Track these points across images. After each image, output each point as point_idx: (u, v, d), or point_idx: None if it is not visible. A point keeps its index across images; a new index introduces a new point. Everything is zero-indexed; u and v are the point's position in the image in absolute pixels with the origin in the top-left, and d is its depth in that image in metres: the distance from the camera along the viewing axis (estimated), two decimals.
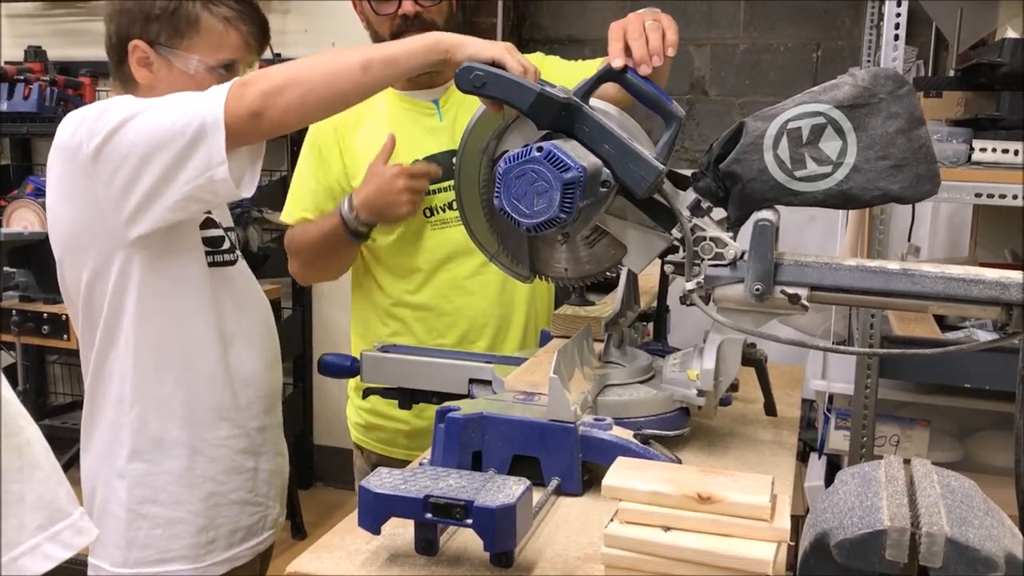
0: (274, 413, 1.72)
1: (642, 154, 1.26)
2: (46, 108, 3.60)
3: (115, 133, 1.38)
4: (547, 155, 1.21)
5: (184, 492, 1.57)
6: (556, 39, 3.88)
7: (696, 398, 1.32)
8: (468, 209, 1.48)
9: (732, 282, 1.25)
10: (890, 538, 0.78)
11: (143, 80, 1.54)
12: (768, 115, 1.22)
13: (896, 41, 2.00)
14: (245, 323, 1.64)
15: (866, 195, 1.20)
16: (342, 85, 1.38)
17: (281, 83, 1.35)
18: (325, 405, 4.02)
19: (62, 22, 3.99)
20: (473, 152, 1.43)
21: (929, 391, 2.33)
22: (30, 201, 3.24)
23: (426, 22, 1.78)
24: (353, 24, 1.94)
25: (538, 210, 1.22)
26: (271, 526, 1.73)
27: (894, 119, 1.18)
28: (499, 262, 1.50)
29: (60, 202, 1.50)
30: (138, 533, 1.56)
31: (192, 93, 1.40)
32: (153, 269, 1.50)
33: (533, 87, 1.28)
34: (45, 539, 0.83)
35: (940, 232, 3.10)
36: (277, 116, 1.37)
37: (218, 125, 1.34)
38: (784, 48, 3.74)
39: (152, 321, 1.53)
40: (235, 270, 1.64)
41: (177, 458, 1.56)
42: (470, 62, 1.30)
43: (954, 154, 2.12)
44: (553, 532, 1.12)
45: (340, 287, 3.79)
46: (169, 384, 1.55)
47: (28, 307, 3.13)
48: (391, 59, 1.37)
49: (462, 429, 1.22)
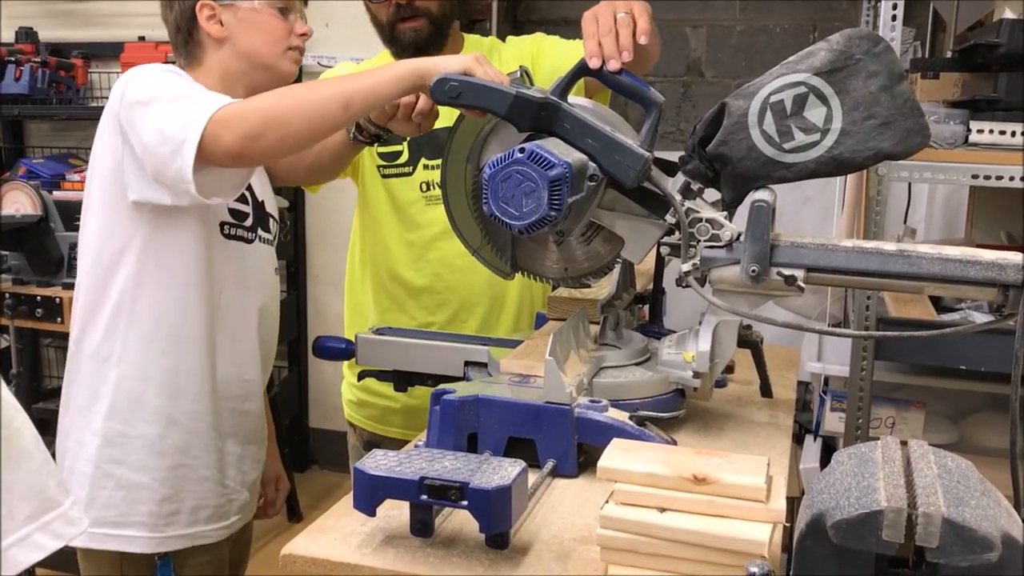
0: (254, 401, 1.71)
1: (626, 144, 1.26)
2: (38, 90, 3.58)
3: (137, 107, 1.46)
4: (530, 155, 1.21)
5: (152, 459, 1.57)
6: (551, 20, 3.86)
7: (692, 380, 1.32)
8: (453, 205, 1.48)
9: (728, 263, 1.24)
10: (887, 518, 0.77)
11: (217, 34, 1.61)
12: (748, 92, 1.21)
13: (893, 22, 1.99)
14: (247, 302, 1.64)
15: (858, 157, 1.19)
16: (322, 126, 1.40)
17: (260, 127, 1.37)
18: (320, 388, 4.02)
19: (53, 2, 3.95)
20: (458, 157, 1.43)
21: (925, 373, 2.34)
22: (23, 183, 3.21)
23: (419, 10, 1.79)
24: (345, 7, 1.94)
25: (527, 211, 1.22)
26: (237, 511, 1.71)
27: (875, 77, 1.18)
28: (481, 256, 1.51)
29: (99, 148, 1.57)
30: (101, 492, 1.56)
31: (195, 100, 1.43)
32: (158, 229, 1.53)
33: (509, 91, 1.28)
34: (35, 529, 0.82)
35: (936, 214, 3.10)
36: (257, 157, 1.46)
37: (190, 148, 1.37)
38: (780, 29, 3.72)
39: (148, 282, 1.54)
40: (251, 248, 1.64)
41: (151, 424, 1.56)
42: (442, 75, 1.31)
43: (951, 135, 2.11)
44: (549, 514, 1.12)
45: (335, 271, 3.81)
46: (154, 348, 1.55)
47: (22, 290, 3.11)
48: (370, 94, 1.39)
49: (457, 411, 1.21)
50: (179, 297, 1.55)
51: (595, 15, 1.35)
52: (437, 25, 1.81)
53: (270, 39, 1.63)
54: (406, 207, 1.84)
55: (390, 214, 1.86)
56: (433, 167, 1.81)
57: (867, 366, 2.12)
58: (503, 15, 3.76)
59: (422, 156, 1.82)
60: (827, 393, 2.53)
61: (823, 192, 3.29)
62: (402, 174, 1.83)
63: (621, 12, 1.34)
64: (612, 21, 1.33)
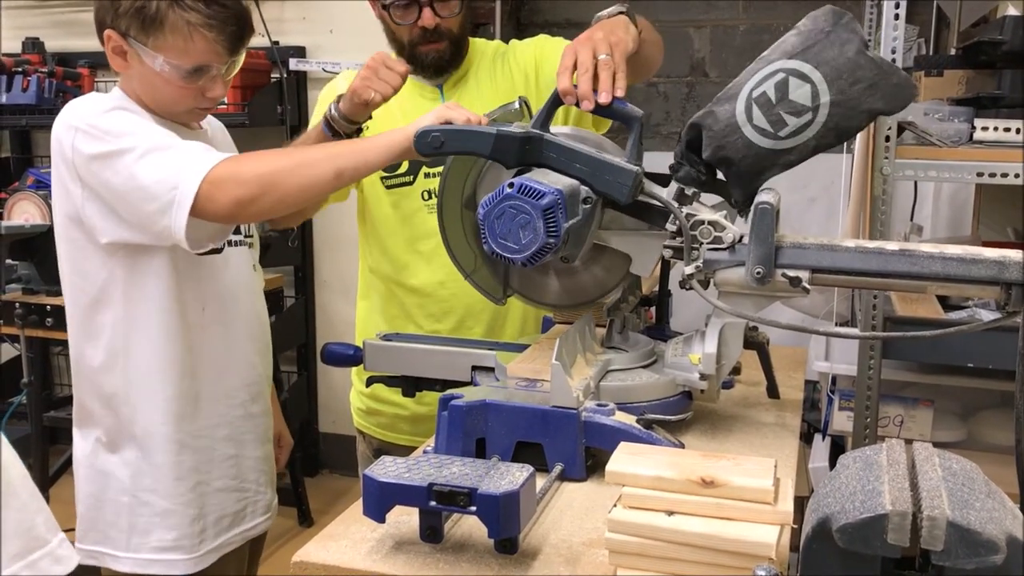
0: (260, 401, 1.73)
1: (614, 162, 1.27)
2: (45, 100, 3.59)
3: (96, 161, 1.43)
4: (520, 188, 1.23)
5: (174, 485, 1.60)
6: (555, 23, 3.86)
7: (698, 382, 1.32)
8: (450, 234, 1.51)
9: (732, 265, 1.25)
10: (892, 522, 0.78)
11: (118, 68, 1.54)
12: (730, 95, 1.22)
13: (896, 20, 1.98)
14: (232, 310, 1.65)
15: (854, 122, 1.20)
16: (314, 193, 1.43)
17: (255, 191, 1.39)
18: (329, 393, 4.02)
19: (60, 13, 3.97)
20: (453, 192, 1.47)
21: (932, 371, 2.33)
22: (31, 193, 3.23)
23: (443, 33, 1.79)
24: (350, 13, 1.93)
25: (526, 242, 1.24)
26: (263, 512, 1.75)
27: (849, 43, 1.18)
28: (474, 281, 1.54)
29: (57, 191, 1.54)
30: (139, 520, 1.59)
31: (179, 154, 1.42)
32: (134, 265, 1.53)
33: (489, 131, 1.31)
34: (23, 568, 0.81)
35: (942, 211, 3.09)
36: (247, 218, 1.53)
37: (182, 209, 1.38)
38: (784, 28, 3.68)
39: (136, 318, 1.55)
40: (226, 256, 1.64)
41: (165, 452, 1.59)
42: (422, 128, 1.33)
43: (955, 133, 2.11)
44: (557, 518, 1.13)
45: (342, 276, 3.83)
46: (156, 378, 1.57)
47: (31, 299, 3.13)
48: (362, 164, 1.42)
49: (465, 416, 1.22)
50: (167, 324, 1.56)
51: (575, 51, 1.37)
52: (457, 45, 1.83)
53: (169, 100, 1.53)
54: (409, 216, 1.85)
55: (393, 223, 1.86)
56: (434, 175, 1.81)
57: (875, 365, 2.12)
58: (506, 18, 3.76)
59: (423, 165, 1.82)
60: (835, 392, 2.52)
61: (828, 191, 3.29)
62: (404, 183, 1.83)
63: (603, 54, 1.35)
64: (591, 59, 1.35)
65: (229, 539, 1.68)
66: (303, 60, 3.66)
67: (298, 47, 3.69)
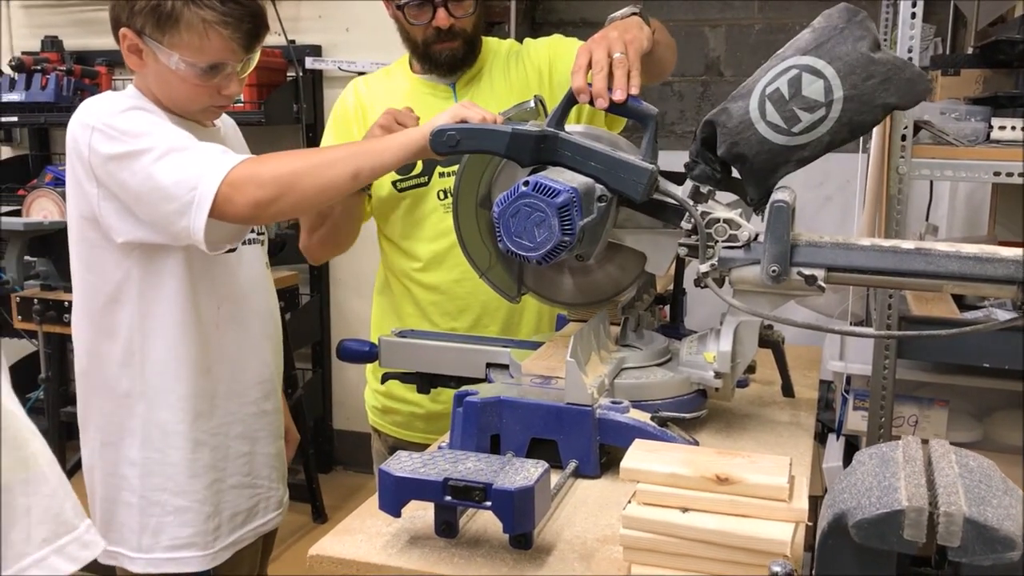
0: (273, 398, 1.75)
1: (629, 160, 1.27)
2: (63, 98, 3.62)
3: (113, 161, 1.44)
4: (535, 186, 1.24)
5: (189, 482, 1.61)
6: (570, 22, 3.86)
7: (713, 380, 1.32)
8: (465, 232, 1.52)
9: (747, 264, 1.25)
10: (908, 518, 0.78)
11: (133, 66, 1.55)
12: (744, 93, 1.22)
13: (913, 19, 1.98)
14: (246, 307, 1.66)
15: (868, 117, 1.19)
16: (332, 193, 1.45)
17: (274, 193, 1.40)
18: (344, 390, 4.04)
19: (78, 11, 4.00)
20: (468, 190, 1.48)
21: (947, 371, 2.32)
22: (49, 190, 3.26)
23: (457, 32, 1.80)
24: (366, 11, 1.94)
25: (541, 240, 1.25)
26: (275, 508, 1.76)
27: (862, 40, 1.18)
28: (488, 279, 1.55)
29: (72, 190, 1.55)
30: (150, 520, 1.60)
31: (197, 155, 1.43)
32: (150, 264, 1.54)
33: (504, 129, 1.31)
34: (51, 552, 0.83)
35: (959, 211, 3.07)
36: (266, 219, 1.50)
37: (201, 211, 1.39)
38: (800, 27, 3.68)
39: (153, 316, 1.56)
40: (240, 254, 1.65)
41: (181, 450, 1.60)
42: (438, 126, 1.34)
43: (972, 132, 2.10)
44: (571, 514, 1.13)
45: (357, 273, 3.84)
46: (171, 376, 1.58)
47: (49, 295, 3.16)
48: (379, 164, 1.43)
49: (480, 413, 1.23)
50: (183, 323, 1.57)
51: (589, 50, 1.37)
52: (471, 44, 1.83)
53: (185, 98, 1.54)
54: (425, 216, 1.85)
55: (409, 224, 1.87)
56: (449, 174, 1.82)
57: (889, 364, 2.11)
58: (521, 17, 3.76)
59: (437, 164, 1.83)
60: (849, 392, 2.51)
61: (844, 191, 3.28)
62: (419, 184, 1.84)
63: (617, 52, 1.36)
64: (606, 57, 1.35)
65: (242, 535, 1.69)
66: (319, 59, 3.67)
67: (314, 46, 3.71)
